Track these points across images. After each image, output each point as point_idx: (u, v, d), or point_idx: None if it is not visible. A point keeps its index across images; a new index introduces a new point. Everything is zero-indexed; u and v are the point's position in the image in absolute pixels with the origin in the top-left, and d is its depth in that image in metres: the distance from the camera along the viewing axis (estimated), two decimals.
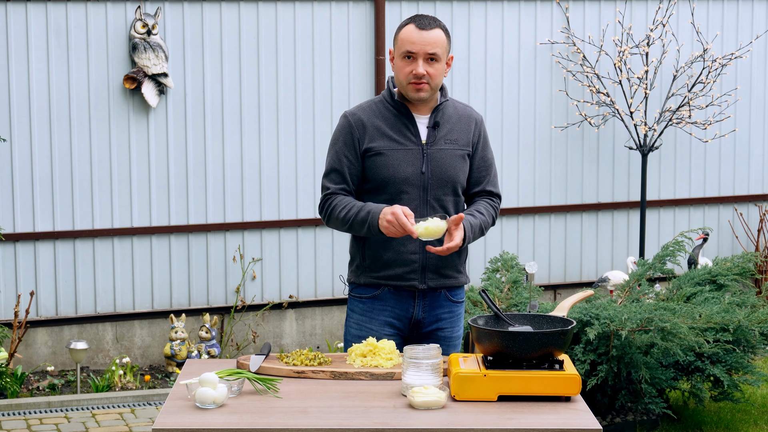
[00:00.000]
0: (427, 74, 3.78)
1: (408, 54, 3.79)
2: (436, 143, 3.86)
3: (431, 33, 3.78)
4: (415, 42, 3.77)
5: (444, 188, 3.86)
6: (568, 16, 7.82)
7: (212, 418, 3.13)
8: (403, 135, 3.85)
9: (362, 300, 3.92)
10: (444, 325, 3.95)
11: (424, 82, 3.79)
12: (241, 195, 7.31)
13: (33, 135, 6.91)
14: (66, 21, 6.89)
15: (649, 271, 6.21)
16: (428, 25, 3.79)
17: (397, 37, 3.83)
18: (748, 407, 6.21)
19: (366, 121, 3.86)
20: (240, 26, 7.23)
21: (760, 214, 8.41)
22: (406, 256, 3.85)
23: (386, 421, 3.09)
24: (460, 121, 3.93)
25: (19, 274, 6.98)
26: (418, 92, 3.80)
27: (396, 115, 3.87)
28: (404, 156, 3.83)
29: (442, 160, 3.86)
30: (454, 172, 3.87)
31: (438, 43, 3.78)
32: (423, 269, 3.87)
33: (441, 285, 3.91)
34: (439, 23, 3.83)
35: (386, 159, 3.83)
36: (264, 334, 7.47)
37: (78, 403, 6.41)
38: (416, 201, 3.84)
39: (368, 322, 3.90)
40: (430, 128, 3.87)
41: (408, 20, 3.84)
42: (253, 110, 7.29)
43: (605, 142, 8.03)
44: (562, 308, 3.55)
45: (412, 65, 3.78)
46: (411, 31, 3.79)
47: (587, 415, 3.16)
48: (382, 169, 3.83)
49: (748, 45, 8.25)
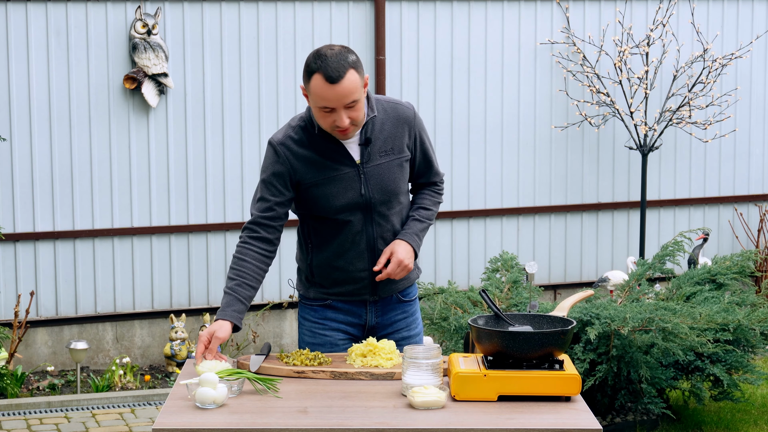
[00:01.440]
0: (351, 119, 3.50)
1: (324, 109, 3.48)
2: (371, 160, 3.63)
3: (343, 84, 3.42)
4: (330, 99, 3.44)
5: (387, 203, 3.70)
6: (568, 16, 7.82)
7: (212, 418, 3.13)
8: (335, 160, 3.61)
9: (314, 308, 3.81)
10: (399, 326, 3.87)
11: (349, 126, 3.51)
12: (241, 195, 7.31)
13: (33, 135, 6.91)
14: (66, 21, 6.89)
15: (649, 271, 6.21)
16: (338, 76, 3.41)
17: (309, 86, 3.48)
18: (748, 407, 6.21)
19: (296, 151, 3.60)
20: (240, 26, 7.23)
21: (760, 214, 8.41)
22: (355, 274, 3.73)
23: (386, 421, 3.09)
24: (393, 127, 3.67)
25: (19, 274, 6.98)
26: (344, 136, 3.56)
27: (323, 141, 3.61)
28: (340, 183, 3.63)
29: (380, 176, 3.65)
30: (394, 184, 3.68)
31: (353, 89, 3.45)
32: (373, 284, 3.76)
33: (392, 292, 3.82)
34: (348, 60, 3.45)
35: (322, 190, 3.62)
36: (264, 334, 7.47)
37: (78, 403, 6.41)
38: (360, 223, 3.68)
39: (321, 329, 3.80)
40: (362, 146, 3.63)
41: (315, 66, 3.44)
42: (253, 110, 7.29)
43: (605, 142, 8.03)
44: (562, 308, 3.55)
45: (333, 116, 3.49)
46: (321, 86, 3.43)
47: (587, 415, 3.16)
48: (320, 200, 3.63)
49: (748, 45, 8.25)
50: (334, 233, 3.70)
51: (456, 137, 7.71)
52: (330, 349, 3.80)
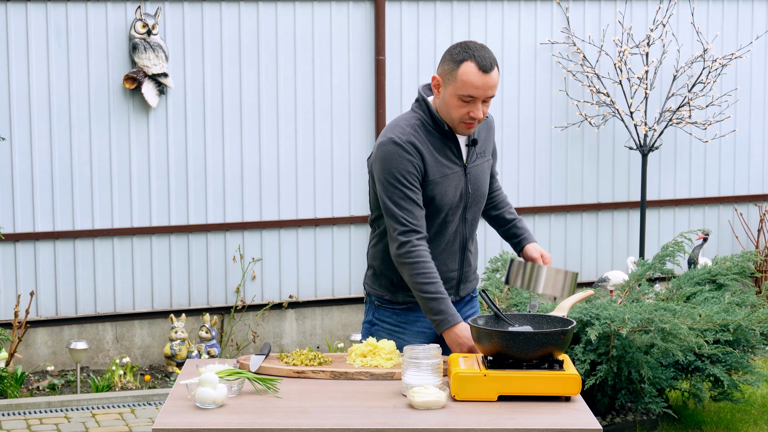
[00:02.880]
0: (483, 113, 3.60)
1: (467, 98, 3.54)
2: (473, 161, 3.73)
3: (492, 75, 3.54)
4: (479, 87, 3.52)
5: (479, 204, 3.77)
6: (568, 16, 7.82)
7: (212, 418, 3.13)
8: (449, 159, 3.67)
9: (396, 312, 3.81)
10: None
11: (477, 121, 3.61)
12: (241, 195, 7.31)
13: (33, 135, 6.91)
14: (66, 21, 6.89)
15: (649, 271, 6.21)
16: (490, 67, 3.53)
17: (455, 74, 3.53)
18: (748, 407, 6.21)
19: (421, 148, 3.62)
20: (240, 26, 7.23)
21: (760, 214, 8.41)
22: (446, 274, 3.76)
23: (386, 421, 3.09)
24: (485, 131, 3.81)
25: (19, 274, 6.98)
26: (469, 130, 3.63)
27: (440, 138, 3.66)
28: (452, 181, 3.67)
29: (477, 177, 3.74)
30: (485, 186, 3.79)
31: (496, 83, 3.56)
32: (458, 283, 3.82)
33: (468, 291, 3.89)
34: (493, 56, 3.57)
35: (440, 187, 3.65)
36: (264, 334, 7.47)
37: (78, 403, 6.41)
38: (457, 222, 3.73)
39: (402, 332, 3.79)
40: (469, 146, 3.71)
41: (466, 55, 3.54)
42: (253, 110, 7.29)
43: (605, 142, 8.03)
44: (562, 308, 3.55)
45: (470, 107, 3.56)
46: (473, 73, 3.51)
47: (587, 415, 3.16)
48: (437, 198, 3.65)
49: (748, 45, 8.25)
50: (435, 233, 3.72)
51: None
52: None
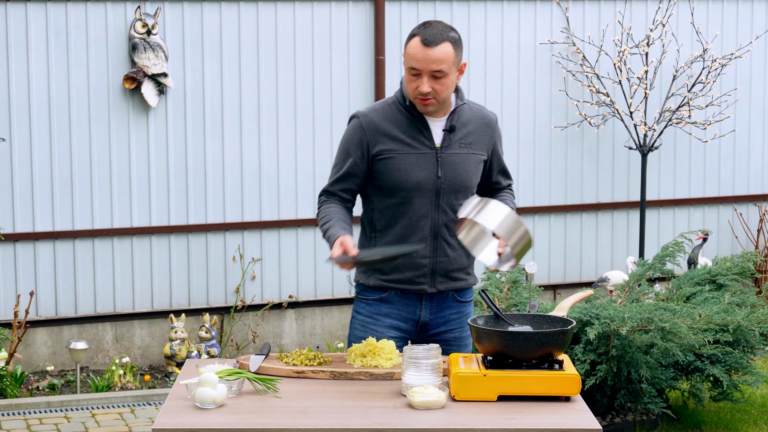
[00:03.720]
0: (433, 90, 3.64)
1: (413, 70, 3.64)
2: (450, 147, 3.76)
3: (436, 50, 3.59)
4: (420, 59, 3.61)
5: (457, 193, 3.78)
6: (568, 16, 7.82)
7: (212, 418, 3.13)
8: (415, 139, 3.74)
9: (369, 302, 3.85)
10: (452, 326, 3.89)
11: (430, 98, 3.67)
12: (240, 195, 7.31)
13: (33, 135, 6.91)
14: (66, 21, 6.89)
15: (649, 271, 6.21)
16: (434, 41, 3.60)
17: (405, 48, 3.68)
18: (747, 407, 6.21)
19: (378, 123, 3.74)
20: (240, 26, 7.23)
21: (760, 214, 8.41)
22: (416, 260, 3.78)
23: (386, 421, 3.09)
24: (478, 125, 3.82)
25: (18, 274, 6.98)
26: (424, 107, 3.69)
27: (409, 118, 3.75)
28: (416, 160, 3.73)
29: (456, 165, 3.76)
30: (467, 177, 3.79)
31: (443, 59, 3.61)
32: (433, 273, 3.80)
33: (450, 288, 3.85)
34: (448, 35, 3.63)
35: (397, 162, 3.72)
36: (264, 334, 7.47)
37: (78, 403, 6.41)
38: (427, 206, 3.75)
39: (374, 324, 3.83)
40: (446, 131, 3.76)
41: (416, 30, 3.65)
42: (253, 110, 7.29)
43: (605, 142, 8.03)
44: (562, 308, 3.55)
45: (417, 81, 3.64)
46: (416, 47, 3.61)
47: (587, 415, 3.16)
48: (393, 173, 3.73)
49: (748, 45, 8.25)
50: (400, 213, 3.76)
51: None
52: None
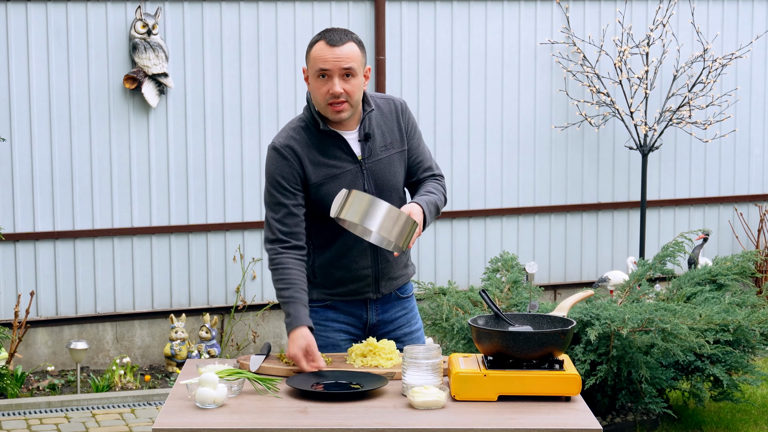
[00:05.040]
0: (345, 92, 3.57)
1: (322, 72, 3.56)
2: (372, 156, 3.68)
3: (343, 48, 3.56)
4: (328, 59, 3.55)
5: (389, 198, 3.70)
6: (568, 16, 7.82)
7: (212, 418, 3.13)
8: (338, 158, 3.65)
9: (315, 309, 3.79)
10: (400, 323, 3.87)
11: (342, 101, 3.57)
12: (241, 195, 7.31)
13: (33, 135, 6.91)
14: (66, 21, 6.89)
15: (649, 271, 6.21)
16: (339, 41, 3.57)
17: (309, 56, 3.60)
18: (748, 407, 6.21)
19: (300, 152, 3.64)
20: (240, 26, 7.23)
21: (760, 214, 8.41)
22: (359, 272, 3.74)
23: (386, 421, 3.09)
24: (387, 119, 3.74)
25: (19, 274, 6.98)
26: (338, 113, 3.59)
27: (324, 138, 3.65)
28: (344, 180, 3.65)
29: (382, 171, 3.71)
30: (395, 178, 3.74)
31: (352, 57, 3.56)
32: (376, 280, 3.78)
33: (392, 288, 3.84)
34: (352, 36, 3.61)
35: (327, 188, 3.64)
36: (264, 334, 7.47)
37: (78, 403, 6.41)
38: None
39: (324, 330, 3.80)
40: (362, 142, 3.68)
41: (318, 36, 3.60)
42: (253, 110, 7.29)
43: (605, 142, 8.03)
44: (562, 308, 3.55)
45: (328, 84, 3.56)
46: (322, 48, 3.56)
47: (587, 415, 3.16)
48: (325, 199, 3.62)
49: (748, 45, 8.25)
50: (337, 233, 3.70)
51: (456, 137, 7.71)
52: (332, 350, 3.80)
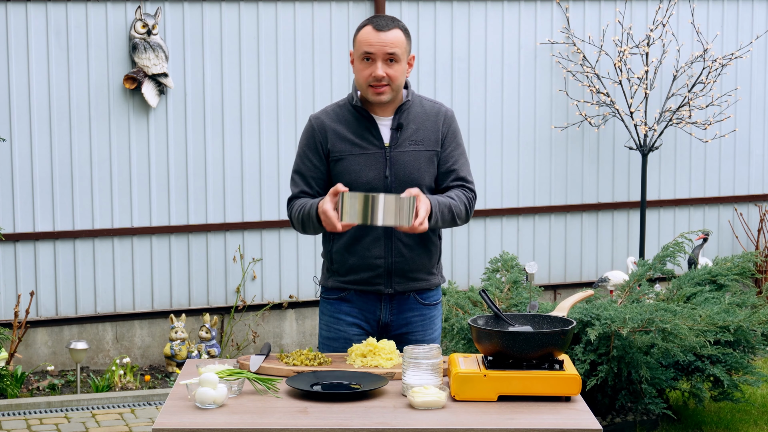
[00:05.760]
0: (387, 76, 3.71)
1: (366, 56, 3.72)
2: (399, 146, 3.78)
3: (389, 34, 3.70)
4: (373, 43, 3.70)
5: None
6: (568, 16, 7.82)
7: (212, 418, 3.13)
8: (364, 139, 3.79)
9: (330, 301, 3.88)
10: (414, 329, 3.89)
11: (384, 84, 3.72)
12: (241, 195, 7.31)
13: (33, 135, 6.91)
14: (66, 21, 6.89)
15: (649, 271, 6.21)
16: (386, 26, 3.71)
17: (356, 39, 3.76)
18: (748, 407, 6.21)
19: (328, 125, 3.82)
20: (240, 26, 7.23)
21: (760, 214, 8.41)
22: (371, 260, 3.80)
23: (386, 421, 3.09)
24: (427, 119, 3.84)
25: (19, 274, 6.98)
26: (378, 95, 3.74)
27: (357, 118, 3.81)
28: (365, 160, 3.76)
29: (406, 163, 3.78)
30: (419, 174, 3.79)
31: (396, 43, 3.71)
32: (389, 273, 3.81)
33: (409, 288, 3.85)
34: (398, 23, 3.76)
35: (347, 164, 3.77)
36: (264, 334, 7.47)
37: (78, 403, 6.41)
38: None
39: (336, 323, 3.86)
40: (394, 130, 3.79)
41: (366, 21, 3.76)
42: (253, 110, 7.29)
43: (605, 142, 8.03)
44: (562, 308, 3.55)
45: (371, 67, 3.72)
46: (368, 32, 3.71)
47: (587, 415, 3.16)
48: (344, 175, 3.77)
49: (748, 45, 8.25)
50: None
51: None
52: (345, 344, 3.84)
